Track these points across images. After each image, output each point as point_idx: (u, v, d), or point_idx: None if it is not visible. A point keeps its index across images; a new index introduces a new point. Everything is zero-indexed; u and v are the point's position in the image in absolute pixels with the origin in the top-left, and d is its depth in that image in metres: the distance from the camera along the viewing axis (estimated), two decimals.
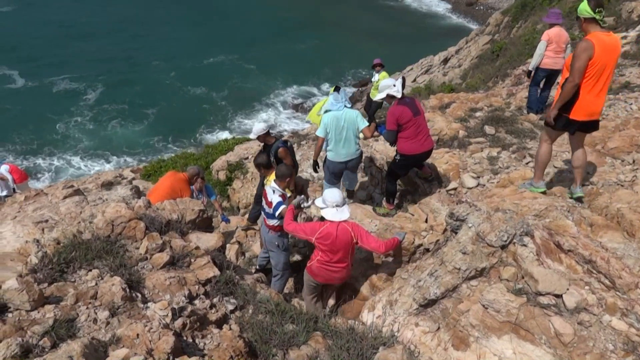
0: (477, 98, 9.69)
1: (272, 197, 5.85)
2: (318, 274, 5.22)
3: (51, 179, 22.70)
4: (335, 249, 4.96)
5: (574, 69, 4.47)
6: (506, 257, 4.33)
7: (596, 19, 4.47)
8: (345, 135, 6.40)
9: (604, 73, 4.50)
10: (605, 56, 4.43)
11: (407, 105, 6.05)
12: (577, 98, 4.57)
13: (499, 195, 5.37)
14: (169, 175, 7.42)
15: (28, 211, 9.78)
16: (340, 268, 5.12)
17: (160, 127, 26.96)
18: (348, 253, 5.06)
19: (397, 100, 6.10)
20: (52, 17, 38.62)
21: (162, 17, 39.43)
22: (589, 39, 4.42)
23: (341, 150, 6.47)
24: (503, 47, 17.75)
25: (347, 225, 4.98)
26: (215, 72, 32.36)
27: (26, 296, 3.24)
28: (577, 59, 4.43)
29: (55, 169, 23.79)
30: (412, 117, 6.03)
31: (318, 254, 5.11)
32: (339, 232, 4.92)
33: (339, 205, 4.97)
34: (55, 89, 29.60)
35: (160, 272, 4.02)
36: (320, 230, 4.95)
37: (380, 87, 6.30)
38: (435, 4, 46.26)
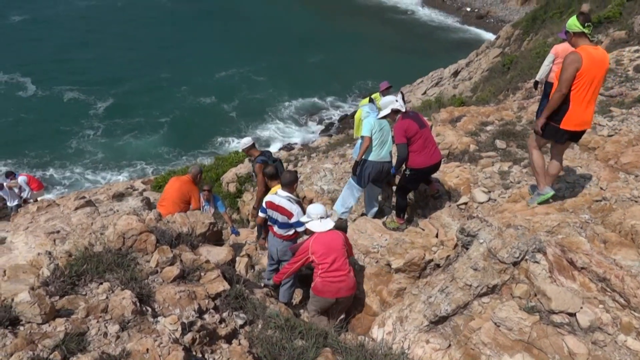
0: (488, 112, 9.66)
1: (290, 207, 5.79)
2: (324, 290, 5.17)
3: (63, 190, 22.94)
4: (329, 253, 5.11)
5: (561, 80, 4.64)
6: (518, 274, 4.28)
7: (585, 33, 4.65)
8: (385, 138, 6.69)
9: (592, 85, 4.67)
10: (593, 69, 4.60)
11: (411, 119, 6.07)
12: (568, 109, 4.74)
13: (511, 210, 5.33)
14: (173, 181, 7.48)
15: (40, 222, 9.89)
16: (342, 276, 5.13)
17: (171, 137, 27.27)
18: (343, 257, 5.17)
19: (402, 115, 6.12)
20: (64, 27, 39.25)
21: (174, 32, 39.90)
22: (577, 51, 4.60)
23: (382, 152, 6.71)
24: (514, 60, 17.73)
25: (337, 232, 5.29)
26: (225, 84, 32.64)
27: (38, 309, 3.25)
28: (565, 70, 4.60)
29: (67, 180, 24.02)
30: (419, 130, 6.06)
31: (317, 269, 5.17)
32: (329, 238, 5.18)
33: (322, 217, 5.27)
34: (66, 98, 30.04)
35: (170, 286, 4.03)
36: (311, 244, 5.17)
37: (382, 104, 6.34)
38: (445, 16, 46.38)
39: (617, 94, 9.50)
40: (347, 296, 5.32)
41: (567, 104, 4.71)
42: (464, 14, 46.39)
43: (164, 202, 7.24)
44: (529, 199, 5.67)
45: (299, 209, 5.84)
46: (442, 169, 7.36)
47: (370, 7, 48.41)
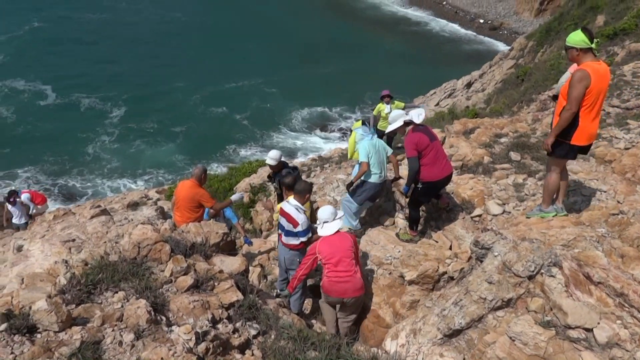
0: (502, 124, 9.62)
1: (297, 216, 5.90)
2: (330, 289, 5.37)
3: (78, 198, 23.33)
4: (334, 253, 5.26)
5: (571, 98, 4.60)
6: (534, 288, 4.24)
7: (592, 49, 4.63)
8: (382, 159, 6.93)
9: (599, 100, 4.67)
10: (599, 84, 4.59)
11: (422, 132, 6.07)
12: (577, 125, 4.73)
13: (526, 223, 5.28)
14: (181, 188, 7.41)
15: (56, 230, 10.00)
16: (347, 276, 5.25)
17: (184, 146, 27.65)
18: (349, 258, 5.27)
19: (412, 128, 6.11)
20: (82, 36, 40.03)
21: (186, 44, 40.36)
22: (584, 68, 4.56)
23: (382, 173, 6.95)
24: (528, 72, 17.65)
25: (346, 234, 5.45)
26: (237, 95, 33.01)
27: (55, 317, 3.29)
28: (574, 88, 4.56)
29: (83, 187, 24.44)
30: (430, 143, 6.05)
31: (324, 269, 5.37)
32: (335, 239, 5.34)
33: (327, 221, 5.44)
34: (83, 106, 30.66)
35: (184, 296, 4.05)
36: (318, 244, 5.38)
37: (391, 118, 6.33)
38: (458, 28, 46.39)
39: (634, 106, 9.40)
40: (355, 297, 5.36)
41: (576, 120, 4.70)
42: (477, 25, 46.35)
43: (178, 211, 7.31)
44: (528, 211, 5.67)
45: (305, 219, 5.94)
46: (455, 181, 7.33)
47: (382, 18, 48.61)
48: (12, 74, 32.95)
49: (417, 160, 6.01)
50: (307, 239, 5.96)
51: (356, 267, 5.33)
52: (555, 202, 5.36)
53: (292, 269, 6.18)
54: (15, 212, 12.55)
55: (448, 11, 49.50)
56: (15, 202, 12.43)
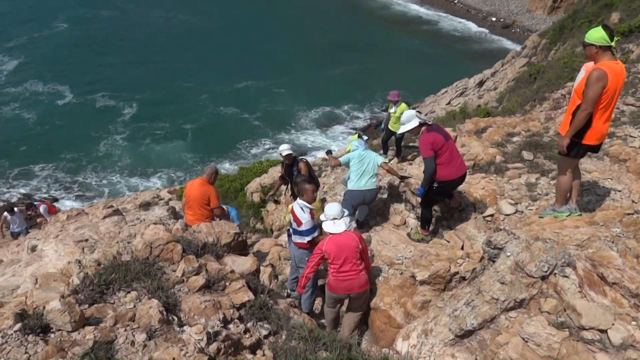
0: (514, 122, 9.53)
1: (301, 215, 5.97)
2: (336, 286, 5.45)
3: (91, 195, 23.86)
4: (341, 254, 5.29)
5: (587, 98, 4.49)
6: (547, 289, 4.19)
7: (611, 47, 4.51)
8: (365, 169, 7.22)
9: (613, 99, 4.58)
10: (616, 84, 4.50)
11: (436, 132, 6.02)
12: (590, 125, 4.65)
13: (539, 223, 5.23)
14: (190, 186, 7.47)
15: (70, 230, 10.11)
16: (353, 274, 5.35)
17: (195, 144, 28.05)
18: (355, 258, 5.33)
19: (426, 129, 6.06)
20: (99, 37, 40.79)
21: (197, 45, 40.66)
22: (602, 68, 4.44)
23: (361, 182, 7.23)
24: (541, 70, 17.46)
25: (352, 233, 5.42)
26: (246, 95, 33.31)
27: (68, 317, 3.32)
28: (591, 88, 4.45)
29: (96, 184, 25.06)
30: (445, 142, 6.00)
31: (330, 268, 5.44)
32: (342, 239, 5.33)
33: (336, 218, 5.41)
34: (98, 105, 31.33)
35: (196, 296, 4.07)
36: (325, 243, 5.37)
37: (404, 119, 6.28)
38: (470, 26, 46.04)
39: None
40: (360, 292, 5.50)
41: (589, 120, 4.61)
42: (490, 23, 45.95)
43: (190, 209, 7.35)
44: (541, 210, 5.61)
45: (309, 219, 5.96)
46: (467, 180, 7.27)
47: (394, 17, 48.42)
48: (32, 76, 33.73)
49: (433, 160, 5.96)
50: (312, 238, 5.99)
51: (361, 266, 5.43)
52: (568, 202, 5.30)
53: (301, 266, 6.21)
54: (15, 221, 13.23)
55: (460, 9, 49.16)
56: (15, 212, 13.30)
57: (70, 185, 24.76)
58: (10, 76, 33.79)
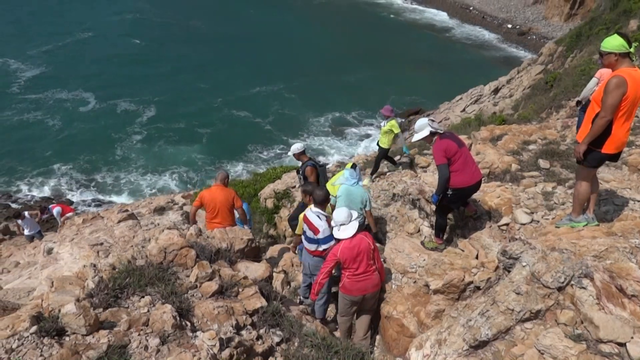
0: (530, 130, 9.44)
1: (318, 223, 5.95)
2: (352, 289, 5.46)
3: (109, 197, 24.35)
4: (358, 258, 5.32)
5: (606, 106, 4.41)
6: (563, 300, 4.12)
7: (630, 53, 4.44)
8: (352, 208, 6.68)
9: (634, 107, 4.49)
10: (635, 91, 4.41)
11: (449, 138, 5.98)
12: (610, 133, 4.56)
13: (555, 233, 5.15)
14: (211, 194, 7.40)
15: (85, 234, 10.21)
16: (368, 275, 5.43)
17: (209, 147, 28.68)
18: (370, 259, 5.40)
19: (439, 136, 6.03)
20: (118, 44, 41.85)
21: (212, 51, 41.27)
22: (621, 74, 4.36)
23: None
24: (557, 78, 17.31)
25: (362, 235, 5.44)
26: (260, 99, 33.90)
27: (83, 321, 3.35)
28: (610, 95, 4.38)
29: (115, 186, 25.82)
30: (458, 149, 5.96)
31: (345, 272, 5.46)
32: (355, 242, 5.34)
33: (344, 223, 5.40)
34: (119, 109, 32.18)
35: (209, 301, 4.08)
36: (340, 250, 5.34)
37: (417, 127, 6.25)
38: (485, 34, 45.85)
39: None
40: (373, 292, 5.58)
41: (609, 128, 4.54)
42: (505, 30, 45.73)
43: (218, 217, 7.25)
44: (558, 220, 5.53)
45: (327, 226, 5.92)
46: (482, 189, 7.22)
47: (407, 25, 48.42)
48: (56, 83, 34.70)
49: (447, 168, 5.92)
50: (328, 246, 5.94)
51: (374, 265, 5.49)
52: (585, 212, 5.22)
53: (316, 274, 6.18)
54: (26, 226, 13.52)
55: (475, 16, 49.03)
56: (24, 217, 13.68)
57: (88, 187, 25.54)
58: (36, 83, 34.72)
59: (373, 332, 6.04)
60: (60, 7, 48.11)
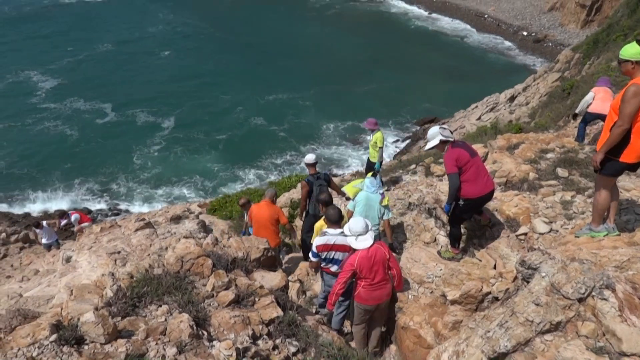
0: (548, 139, 9.34)
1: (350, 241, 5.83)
2: (367, 298, 5.47)
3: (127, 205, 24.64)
4: (374, 268, 5.32)
5: (623, 114, 4.38)
6: (584, 312, 4.05)
7: None
8: (370, 215, 6.88)
9: None
10: None
11: (461, 147, 5.94)
12: (628, 142, 4.51)
13: (575, 243, 5.08)
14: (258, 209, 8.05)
15: (103, 242, 10.32)
16: (384, 284, 5.46)
17: (225, 156, 29.01)
18: (385, 268, 5.41)
19: (451, 144, 5.99)
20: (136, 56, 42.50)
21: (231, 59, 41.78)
22: (639, 83, 4.31)
23: None
24: (574, 85, 17.12)
25: (378, 245, 5.40)
26: (276, 107, 34.27)
27: (101, 329, 3.38)
28: (628, 104, 4.34)
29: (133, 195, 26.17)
30: (470, 158, 5.90)
31: (360, 282, 5.44)
32: (372, 253, 5.31)
33: (361, 234, 5.35)
34: (139, 121, 32.64)
35: (225, 311, 4.09)
36: (357, 260, 5.31)
37: (429, 135, 6.22)
38: (500, 41, 45.61)
39: None
40: (387, 301, 5.64)
41: (627, 137, 4.49)
42: (520, 38, 45.45)
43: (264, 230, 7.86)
44: (577, 230, 5.44)
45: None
46: (499, 198, 7.15)
47: (421, 33, 48.40)
48: (75, 95, 35.34)
49: (457, 177, 5.87)
50: None
51: (388, 275, 5.50)
52: (606, 221, 5.13)
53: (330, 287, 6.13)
54: (44, 234, 13.81)
55: (490, 24, 48.84)
56: (42, 225, 14.10)
57: (106, 196, 25.93)
58: (56, 95, 35.39)
59: (387, 343, 5.99)
60: (81, 23, 49.11)
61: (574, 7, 43.92)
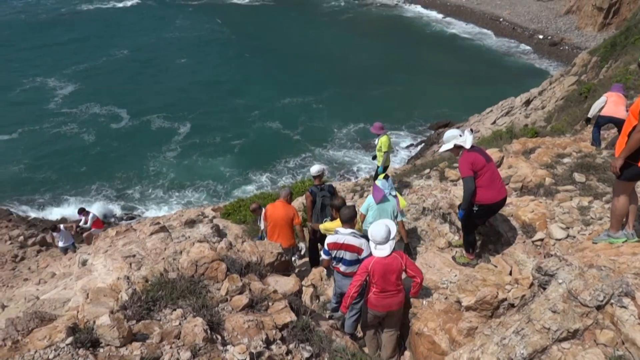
0: (565, 143, 9.23)
1: (359, 242, 5.83)
2: (377, 304, 5.45)
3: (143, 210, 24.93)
4: (387, 276, 5.27)
5: None
6: (603, 319, 3.98)
7: None
8: (380, 217, 6.66)
9: None
10: None
11: (477, 152, 5.90)
12: None
13: (592, 249, 5.00)
14: (274, 210, 8.05)
15: (118, 245, 10.42)
16: (393, 293, 5.40)
17: (242, 160, 29.01)
18: (397, 279, 5.35)
19: (466, 150, 5.94)
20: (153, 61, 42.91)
21: (247, 64, 42.08)
22: None
23: None
24: (592, 89, 16.88)
25: (396, 254, 5.30)
26: (290, 111, 34.29)
27: (117, 332, 3.41)
28: None
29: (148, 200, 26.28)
30: (486, 163, 5.87)
31: (372, 288, 5.41)
32: (388, 261, 5.26)
33: (380, 243, 5.28)
34: (154, 126, 32.80)
35: (239, 315, 4.09)
36: (372, 265, 5.29)
37: (446, 137, 6.17)
38: (516, 44, 45.23)
39: None
40: (397, 310, 5.56)
41: None
42: (536, 41, 45.01)
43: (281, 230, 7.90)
44: (595, 236, 5.36)
45: (365, 242, 5.79)
46: (515, 203, 7.08)
47: (436, 37, 48.17)
48: (91, 100, 35.54)
49: (472, 181, 5.83)
50: None
51: (401, 285, 5.44)
52: (625, 227, 5.05)
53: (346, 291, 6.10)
54: (61, 238, 14.01)
55: (505, 27, 48.45)
56: (59, 229, 14.32)
57: (121, 200, 26.11)
58: (72, 100, 35.69)
59: (402, 350, 5.94)
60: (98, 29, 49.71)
61: (591, 10, 43.41)
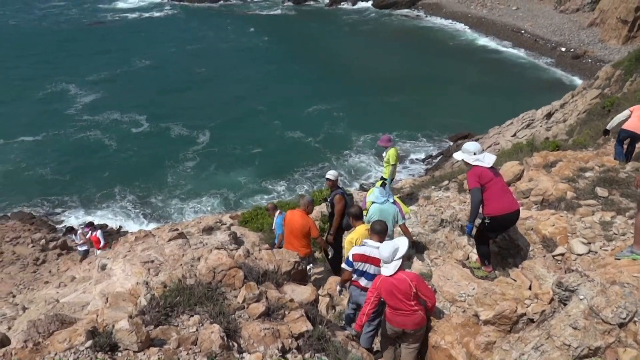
0: (587, 157, 9.09)
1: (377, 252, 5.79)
2: (392, 320, 5.41)
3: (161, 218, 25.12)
4: (392, 296, 5.24)
5: None
6: (625, 337, 3.89)
7: None
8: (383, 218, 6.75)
9: None
10: None
11: (486, 167, 5.89)
12: None
13: (615, 265, 4.90)
14: (291, 218, 7.90)
15: (137, 251, 10.53)
16: (407, 313, 5.28)
17: (259, 169, 29.12)
18: (408, 300, 5.23)
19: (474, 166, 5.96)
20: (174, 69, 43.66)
21: (269, 71, 42.57)
22: None
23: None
24: (615, 102, 16.63)
25: (404, 275, 5.27)
26: (311, 119, 34.53)
27: (135, 337, 3.44)
28: None
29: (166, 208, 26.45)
30: (494, 177, 5.89)
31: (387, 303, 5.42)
32: (394, 282, 5.22)
33: (386, 262, 5.29)
34: (173, 133, 33.16)
35: (255, 323, 4.10)
36: (379, 282, 5.33)
37: (463, 148, 6.18)
38: (537, 56, 44.82)
39: None
40: (414, 330, 5.42)
41: None
42: (559, 54, 44.55)
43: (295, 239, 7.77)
44: (618, 252, 5.26)
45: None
46: (535, 217, 6.99)
47: (457, 48, 48.04)
48: (113, 107, 36.20)
49: (479, 192, 5.82)
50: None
51: (416, 306, 5.28)
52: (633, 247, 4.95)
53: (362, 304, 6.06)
54: (79, 240, 14.27)
55: (527, 40, 48.10)
56: (76, 231, 14.61)
57: (140, 207, 26.37)
58: (95, 107, 36.40)
59: None
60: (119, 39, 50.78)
61: (615, 22, 42.86)
